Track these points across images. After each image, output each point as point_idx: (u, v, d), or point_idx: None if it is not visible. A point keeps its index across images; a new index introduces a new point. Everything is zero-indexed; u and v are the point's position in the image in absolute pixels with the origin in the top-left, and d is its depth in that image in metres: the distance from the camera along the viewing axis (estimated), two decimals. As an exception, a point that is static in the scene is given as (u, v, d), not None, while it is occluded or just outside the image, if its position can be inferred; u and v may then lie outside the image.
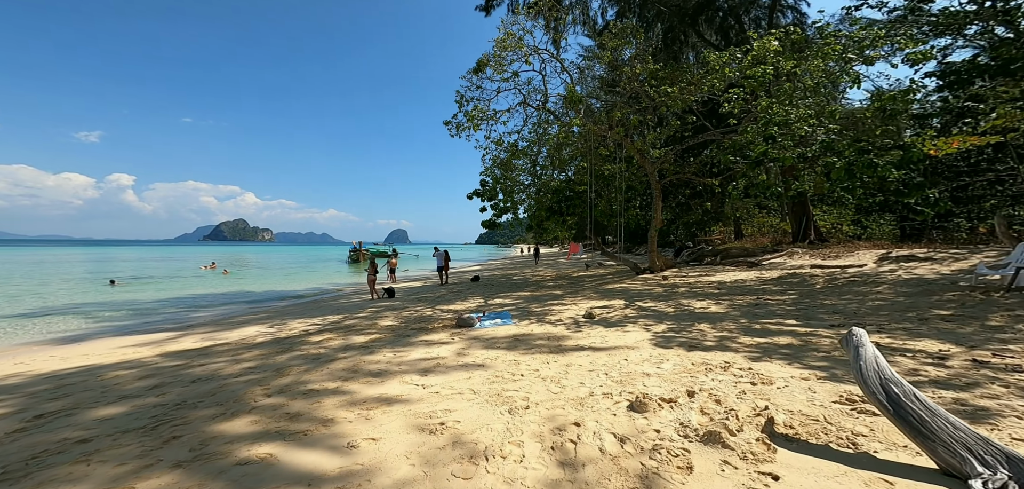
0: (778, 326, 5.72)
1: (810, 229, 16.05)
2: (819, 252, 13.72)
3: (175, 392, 4.33)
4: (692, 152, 16.28)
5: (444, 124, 11.83)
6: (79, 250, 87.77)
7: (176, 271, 30.21)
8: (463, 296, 12.37)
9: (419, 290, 15.41)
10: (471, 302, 10.85)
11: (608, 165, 13.31)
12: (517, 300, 10.71)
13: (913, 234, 16.29)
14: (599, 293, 10.90)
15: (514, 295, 11.84)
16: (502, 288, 14.14)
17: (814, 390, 3.25)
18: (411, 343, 6.23)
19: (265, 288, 19.47)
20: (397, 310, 10.05)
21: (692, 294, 9.50)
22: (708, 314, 7.04)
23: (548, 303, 9.74)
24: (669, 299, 9.03)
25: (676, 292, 10.00)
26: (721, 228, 26.89)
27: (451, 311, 9.43)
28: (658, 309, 7.91)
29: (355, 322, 8.55)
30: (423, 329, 7.34)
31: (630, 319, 7.10)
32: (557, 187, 14.64)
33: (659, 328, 6.20)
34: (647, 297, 9.58)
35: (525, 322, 7.48)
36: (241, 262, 44.53)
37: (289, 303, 14.00)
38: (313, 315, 10.04)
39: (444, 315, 8.83)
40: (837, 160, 8.01)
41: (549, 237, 18.80)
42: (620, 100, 12.47)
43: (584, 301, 9.64)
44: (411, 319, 8.57)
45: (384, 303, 11.81)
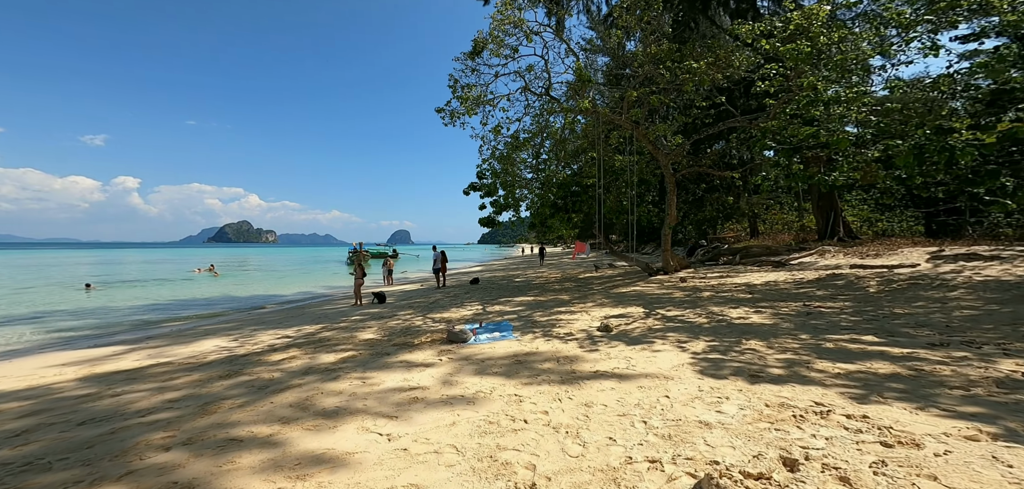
0: (857, 346, 4.45)
1: (839, 225, 14.69)
2: (853, 250, 12.38)
3: (44, 441, 3.14)
4: (708, 143, 14.98)
5: (437, 112, 10.65)
6: (83, 253, 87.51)
7: (169, 274, 29.25)
8: (460, 301, 11.16)
9: (413, 294, 14.21)
10: (467, 309, 9.63)
11: (619, 157, 12.01)
12: (519, 306, 9.48)
13: (942, 231, 14.90)
14: (611, 299, 9.64)
15: (516, 300, 10.61)
16: (503, 292, 12.92)
17: (1009, 463, 2.00)
18: (387, 365, 5.02)
19: (252, 292, 18.37)
20: (383, 319, 8.85)
21: (721, 300, 8.22)
22: (752, 327, 5.77)
23: (554, 311, 8.50)
24: (695, 306, 7.76)
25: (701, 297, 8.72)
26: (733, 225, 25.52)
27: (444, 320, 8.22)
28: (687, 319, 6.65)
29: (331, 334, 7.35)
30: (406, 345, 6.13)
31: (656, 333, 5.85)
32: (562, 181, 13.35)
33: (696, 346, 4.94)
34: (668, 303, 8.32)
35: (528, 336, 6.25)
36: (240, 264, 43.61)
37: (270, 310, 12.85)
38: (288, 325, 8.87)
39: (434, 326, 7.61)
40: (901, 143, 6.72)
41: (553, 236, 17.53)
42: (632, 84, 11.20)
43: (595, 308, 8.39)
44: (396, 331, 7.36)
45: (372, 309, 10.62)
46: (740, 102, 12.80)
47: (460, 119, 10.63)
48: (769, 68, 8.14)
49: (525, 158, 13.64)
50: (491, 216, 12.35)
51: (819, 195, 15.22)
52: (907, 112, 7.52)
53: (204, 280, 24.60)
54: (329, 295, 16.66)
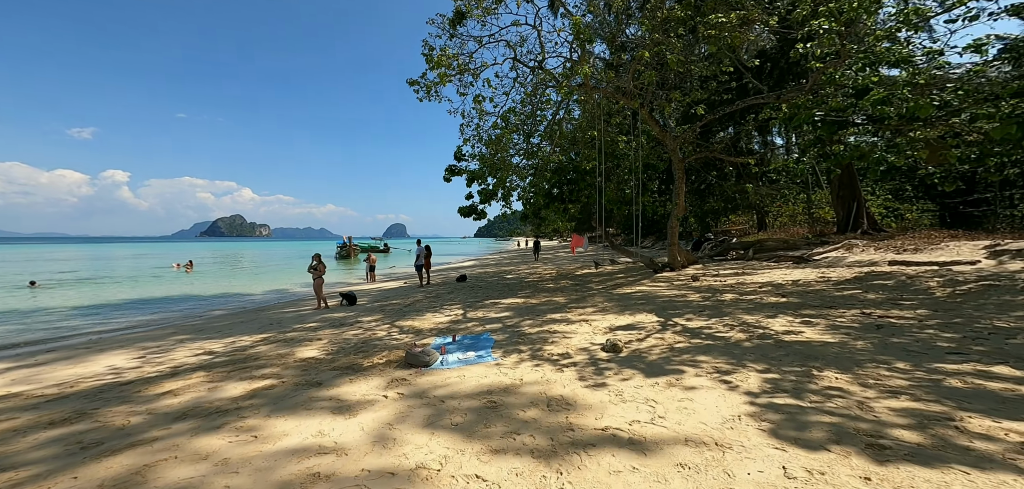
0: (1000, 384, 3.00)
1: (862, 216, 13.33)
2: (884, 243, 11.01)
3: None
4: (722, 125, 13.47)
5: (409, 84, 8.99)
6: (66, 248, 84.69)
7: (141, 270, 27.43)
8: (440, 303, 9.66)
9: (392, 294, 12.68)
10: (445, 314, 8.13)
11: (622, 138, 10.45)
12: (506, 312, 7.99)
13: (959, 222, 13.61)
14: (615, 302, 8.18)
15: (504, 303, 9.12)
16: (491, 291, 11.42)
17: None
18: (310, 403, 3.54)
19: (220, 291, 16.73)
20: (342, 327, 7.33)
21: (749, 304, 6.79)
22: (812, 347, 4.33)
23: (547, 318, 7.02)
24: (720, 313, 6.32)
25: (723, 301, 7.28)
26: (738, 218, 24.16)
27: (413, 330, 6.72)
28: (717, 333, 5.20)
29: (264, 350, 5.82)
30: (352, 369, 4.64)
31: (681, 355, 4.39)
32: (559, 165, 11.75)
33: (748, 381, 3.48)
34: (685, 309, 6.87)
35: (512, 358, 4.77)
36: (224, 259, 41.68)
37: (220, 314, 11.26)
38: (226, 334, 7.33)
39: (399, 339, 6.11)
40: (995, 112, 5.27)
41: (549, 228, 16.04)
42: (636, 65, 9.62)
43: (597, 315, 6.93)
44: (347, 346, 5.85)
45: (337, 314, 9.08)
46: (767, 75, 11.28)
47: (437, 89, 8.97)
48: (821, 21, 6.58)
49: (516, 141, 12.04)
50: (475, 205, 10.54)
51: (840, 183, 13.84)
52: (991, 84, 6.04)
53: (175, 277, 22.88)
54: (301, 295, 15.07)
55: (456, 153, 10.47)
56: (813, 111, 6.97)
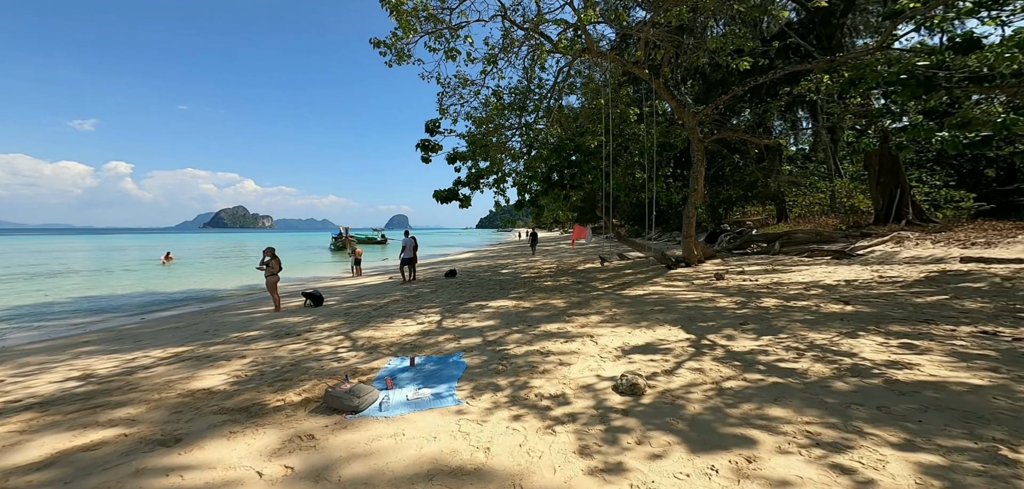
0: None
1: (907, 205, 11.65)
2: (941, 236, 9.37)
3: None
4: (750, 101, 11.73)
5: (374, 46, 7.25)
6: (68, 239, 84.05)
7: (121, 262, 26.16)
8: (416, 306, 8.18)
9: (368, 292, 11.22)
10: (418, 321, 6.64)
11: (633, 111, 8.73)
12: (491, 319, 6.48)
13: (1005, 211, 11.89)
14: (626, 307, 6.64)
15: (491, 306, 7.62)
16: (480, 290, 9.92)
17: None
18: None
19: (189, 287, 15.34)
20: (287, 337, 5.85)
21: (803, 312, 5.24)
22: (947, 390, 2.78)
23: (541, 329, 5.51)
24: (769, 326, 4.77)
25: (763, 307, 5.73)
26: (753, 208, 22.42)
27: (370, 344, 5.24)
28: (777, 359, 3.66)
29: (165, 371, 4.36)
30: (248, 410, 3.20)
31: (740, 402, 2.86)
32: (559, 143, 10.05)
33: (882, 462, 1.94)
34: (719, 319, 5.33)
35: (483, 399, 3.28)
36: (220, 251, 40.46)
37: (169, 314, 9.83)
38: (148, 343, 5.89)
39: (342, 361, 4.62)
40: None
41: (548, 218, 14.45)
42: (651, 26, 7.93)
43: (604, 325, 5.40)
44: (272, 369, 4.37)
45: (291, 318, 7.62)
46: (816, 37, 9.54)
47: (408, 49, 7.27)
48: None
49: (509, 118, 10.36)
50: (456, 188, 8.66)
51: (880, 169, 12.14)
52: None
53: (149, 270, 21.59)
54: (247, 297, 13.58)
55: (429, 125, 8.41)
56: (894, 68, 5.32)
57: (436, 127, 7.78)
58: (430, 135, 8.00)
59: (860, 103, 8.91)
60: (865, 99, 9.17)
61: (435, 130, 7.75)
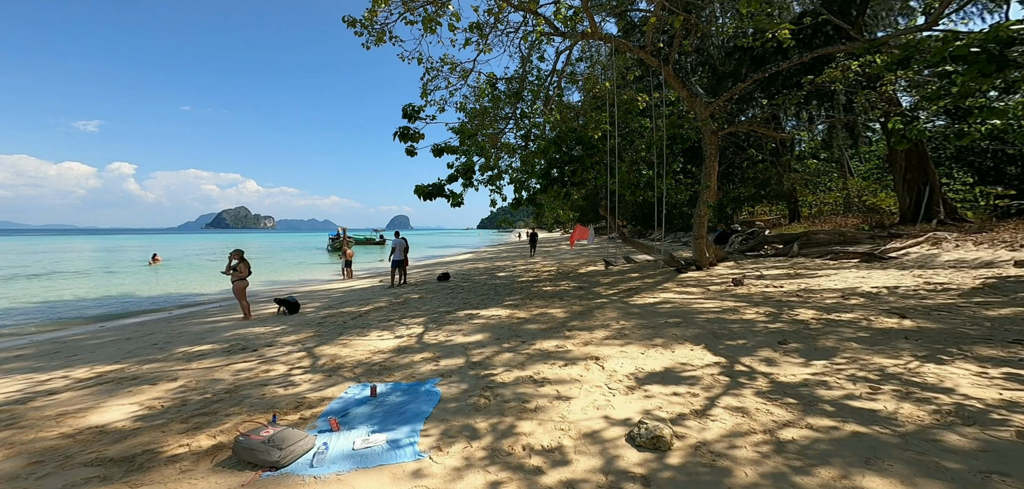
0: None
1: (938, 204, 10.72)
2: (986, 237, 8.46)
3: None
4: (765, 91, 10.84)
5: (347, 24, 6.34)
6: (69, 240, 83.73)
7: (101, 264, 25.43)
8: (402, 313, 7.33)
9: (354, 296, 10.39)
10: (398, 333, 5.80)
11: (642, 97, 7.81)
12: (480, 333, 5.62)
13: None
14: (636, 318, 5.77)
15: (482, 316, 6.76)
16: (473, 295, 9.07)
17: None
18: None
19: (169, 290, 14.55)
20: (240, 353, 5.01)
21: (852, 327, 4.35)
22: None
23: (536, 347, 4.64)
24: (817, 347, 3.89)
25: (800, 320, 4.85)
26: (762, 208, 21.48)
27: (332, 364, 4.39)
28: (844, 394, 2.78)
29: (65, 399, 3.51)
30: (129, 461, 2.30)
31: (813, 465, 1.97)
32: (560, 133, 9.11)
33: None
34: (749, 335, 4.45)
35: (454, 451, 2.43)
36: (214, 252, 39.74)
37: (136, 321, 9.02)
38: (85, 357, 5.07)
39: (292, 388, 3.77)
40: None
41: (548, 218, 13.56)
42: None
43: (611, 341, 4.54)
44: (201, 398, 3.52)
45: (261, 327, 6.78)
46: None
47: (388, 29, 6.36)
48: None
49: (505, 110, 9.48)
50: (441, 184, 7.51)
51: (907, 165, 11.22)
52: None
53: (132, 272, 20.86)
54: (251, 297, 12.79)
55: (408, 110, 7.16)
56: (959, 43, 4.41)
57: (416, 113, 6.60)
58: (410, 121, 6.81)
59: (892, 91, 8.01)
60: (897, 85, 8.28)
61: (415, 116, 6.56)
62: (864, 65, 7.27)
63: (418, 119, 6.09)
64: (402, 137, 6.26)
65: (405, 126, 6.29)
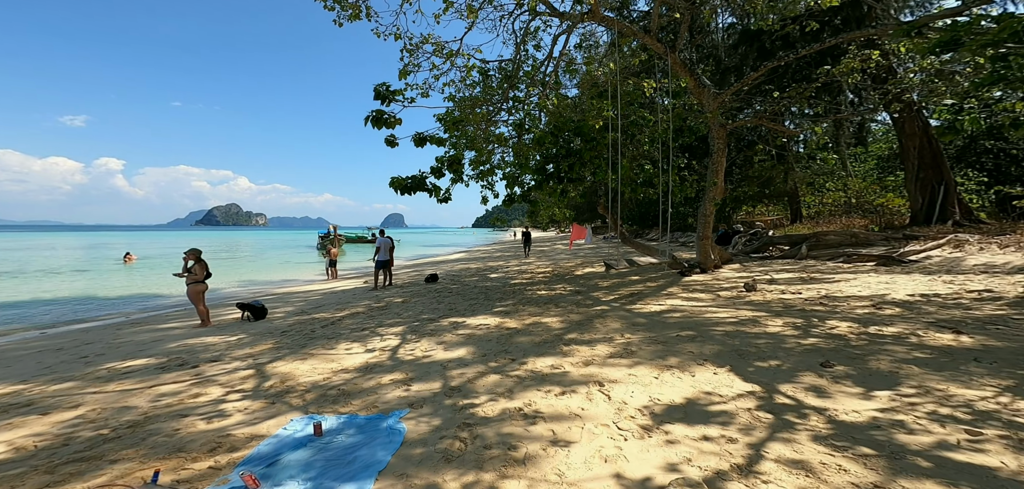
0: None
1: (953, 204, 10.19)
2: (1012, 240, 7.90)
3: None
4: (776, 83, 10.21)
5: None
6: (51, 236, 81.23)
7: (73, 262, 24.20)
8: (379, 320, 6.56)
9: (332, 299, 9.58)
10: (372, 344, 5.03)
11: (648, 83, 7.06)
12: (467, 343, 4.87)
13: None
14: (642, 330, 5.07)
15: (468, 325, 6.01)
16: (461, 300, 8.31)
17: None
18: None
19: (132, 291, 13.56)
20: (181, 366, 4.20)
21: (889, 341, 3.68)
22: None
23: (528, 367, 3.90)
24: (868, 370, 3.21)
25: (832, 331, 4.18)
26: (763, 208, 20.96)
27: (288, 383, 3.62)
28: (936, 446, 2.06)
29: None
30: None
31: None
32: (558, 123, 8.34)
33: None
34: (782, 355, 3.75)
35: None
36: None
37: (83, 327, 8.11)
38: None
39: (219, 421, 2.98)
40: None
41: (543, 216, 12.83)
42: None
43: (615, 360, 3.82)
44: (96, 437, 2.71)
45: (216, 335, 5.95)
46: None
47: (363, 3, 5.58)
48: None
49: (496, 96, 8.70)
50: (422, 177, 6.41)
51: (920, 163, 10.68)
52: None
53: (102, 271, 19.76)
54: (215, 300, 11.92)
55: (380, 90, 5.86)
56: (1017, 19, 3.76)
57: (390, 94, 5.47)
58: (383, 103, 5.68)
59: (917, 81, 7.40)
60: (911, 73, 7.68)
61: (389, 97, 5.45)
62: (888, 53, 6.62)
63: (394, 101, 5.16)
64: (375, 122, 5.35)
65: (379, 110, 5.36)
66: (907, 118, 10.17)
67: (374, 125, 5.30)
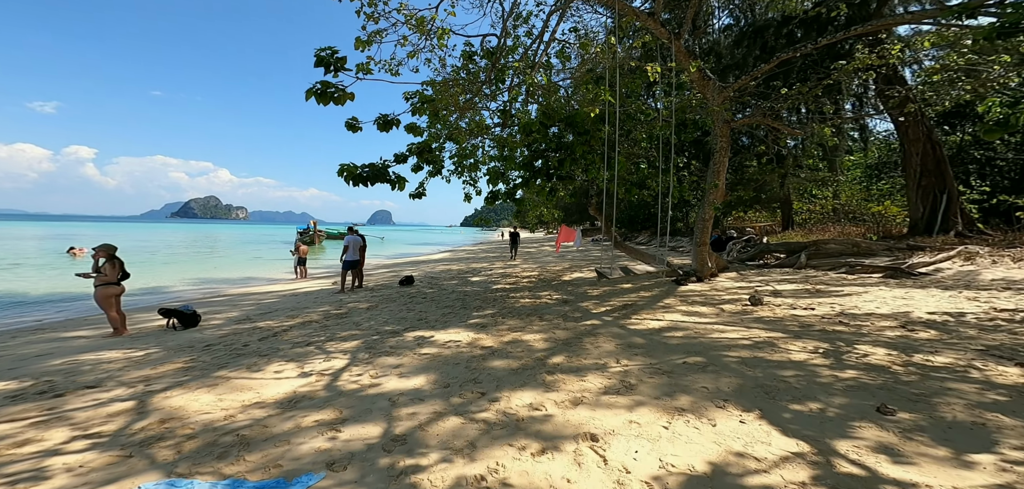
0: None
1: (956, 213, 9.80)
2: (1018, 252, 7.45)
3: None
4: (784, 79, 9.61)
5: None
6: (9, 225, 75.90)
7: (11, 254, 22.13)
8: (337, 330, 5.58)
9: (290, 302, 8.49)
10: (316, 362, 4.07)
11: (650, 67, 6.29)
12: (429, 368, 3.95)
13: None
14: (640, 355, 4.25)
15: (438, 340, 5.10)
16: (435, 306, 7.37)
17: None
18: None
19: (60, 289, 12.05)
20: (42, 394, 3.12)
21: (943, 374, 2.93)
22: None
23: (503, 403, 3.01)
24: (941, 422, 2.43)
25: (868, 360, 3.44)
26: (755, 214, 20.65)
27: (169, 425, 2.61)
28: None
29: None
30: None
31: None
32: (547, 110, 7.47)
33: None
34: (815, 388, 2.96)
35: None
36: (165, 244, 36.06)
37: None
38: None
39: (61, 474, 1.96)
40: None
41: (531, 216, 11.98)
42: None
43: (611, 395, 2.97)
44: None
45: (116, 351, 4.84)
46: None
47: None
48: None
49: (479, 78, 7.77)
50: (384, 166, 5.23)
51: (922, 170, 10.28)
52: None
53: (35, 265, 17.96)
54: (159, 300, 10.65)
55: (323, 57, 4.31)
56: None
57: (336, 61, 3.94)
58: (327, 70, 4.12)
59: (954, 73, 6.80)
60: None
61: (335, 65, 3.95)
62: (910, 46, 6.00)
63: (343, 70, 3.93)
64: (320, 97, 4.07)
65: (325, 82, 4.07)
66: (910, 122, 9.76)
67: (319, 100, 4.22)
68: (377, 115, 5.27)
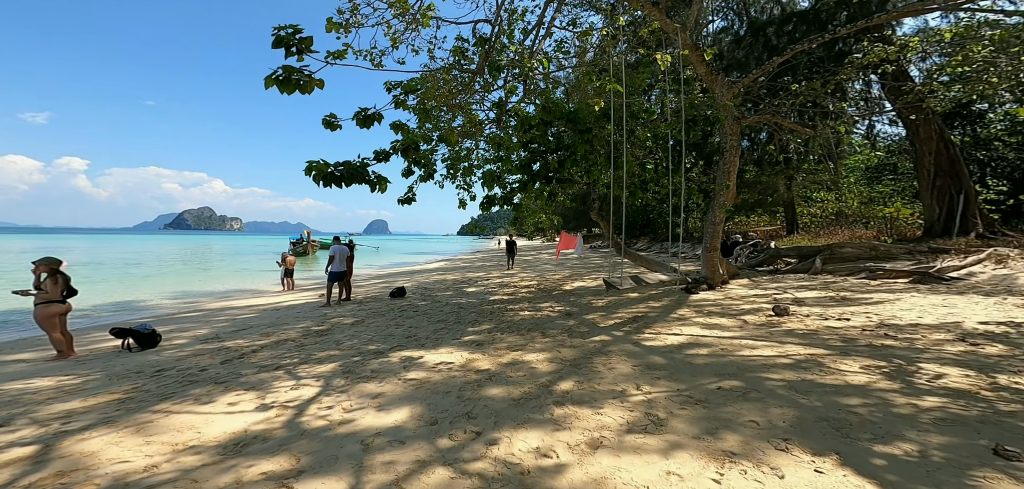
0: None
1: (975, 214, 9.34)
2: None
3: None
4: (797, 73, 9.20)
5: None
6: (7, 238, 74.21)
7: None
8: (315, 350, 4.93)
9: (270, 317, 7.81)
10: (282, 389, 3.42)
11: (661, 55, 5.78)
12: (414, 399, 3.30)
13: None
14: (663, 379, 3.63)
15: (428, 362, 4.46)
16: (427, 321, 6.72)
17: None
18: None
19: (13, 307, 11.17)
20: None
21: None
22: None
23: (497, 449, 2.37)
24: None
25: (946, 383, 2.83)
26: (758, 218, 20.17)
27: (62, 483, 1.93)
28: None
29: None
30: None
31: None
32: (546, 104, 6.94)
33: None
34: (896, 426, 2.35)
35: None
36: (149, 257, 35.05)
37: None
38: None
39: None
40: None
41: (528, 223, 11.39)
42: None
43: (638, 436, 2.33)
44: None
45: (49, 379, 4.14)
46: None
47: None
48: None
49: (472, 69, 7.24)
50: (363, 165, 4.63)
51: (936, 170, 9.85)
52: None
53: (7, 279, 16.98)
54: (131, 317, 9.90)
55: (283, 36, 3.44)
56: None
57: (299, 42, 3.31)
58: (288, 52, 3.48)
59: (968, 69, 6.39)
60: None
61: (298, 46, 3.33)
62: (929, 40, 5.57)
63: (309, 53, 3.28)
64: (282, 85, 3.36)
65: (288, 66, 3.39)
66: (921, 121, 9.38)
67: (281, 88, 3.56)
68: (357, 109, 4.69)
